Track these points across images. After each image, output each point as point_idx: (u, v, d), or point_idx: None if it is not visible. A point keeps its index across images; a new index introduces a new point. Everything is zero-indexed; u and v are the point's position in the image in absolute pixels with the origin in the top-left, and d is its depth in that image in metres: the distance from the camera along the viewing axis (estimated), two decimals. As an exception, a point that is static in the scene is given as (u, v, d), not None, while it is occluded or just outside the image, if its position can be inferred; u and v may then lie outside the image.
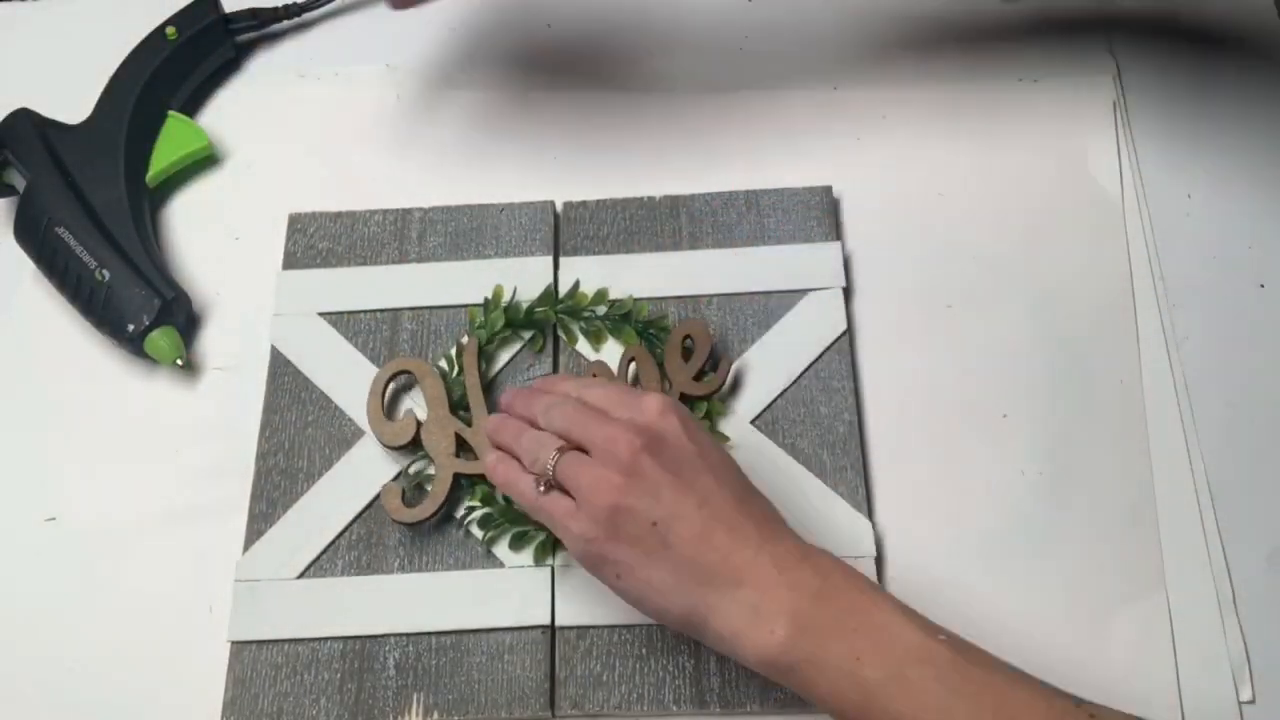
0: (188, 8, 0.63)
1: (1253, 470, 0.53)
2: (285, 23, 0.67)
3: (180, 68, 0.63)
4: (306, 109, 0.64)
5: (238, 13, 0.65)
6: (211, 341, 0.57)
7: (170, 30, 0.62)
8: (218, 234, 0.61)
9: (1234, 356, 0.56)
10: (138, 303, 0.55)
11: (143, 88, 0.61)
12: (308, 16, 0.67)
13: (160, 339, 0.55)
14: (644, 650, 0.48)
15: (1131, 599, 0.50)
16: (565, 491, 0.43)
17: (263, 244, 0.59)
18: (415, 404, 0.54)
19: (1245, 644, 0.49)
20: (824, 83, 0.64)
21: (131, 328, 0.55)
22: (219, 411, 0.55)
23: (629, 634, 0.49)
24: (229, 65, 0.66)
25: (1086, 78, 0.64)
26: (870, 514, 0.51)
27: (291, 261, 0.58)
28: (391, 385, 0.53)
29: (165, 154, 0.61)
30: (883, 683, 0.37)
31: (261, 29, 0.66)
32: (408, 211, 0.59)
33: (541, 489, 0.43)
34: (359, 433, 0.53)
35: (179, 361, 0.55)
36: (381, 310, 0.56)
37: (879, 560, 0.50)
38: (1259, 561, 0.51)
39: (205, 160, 0.62)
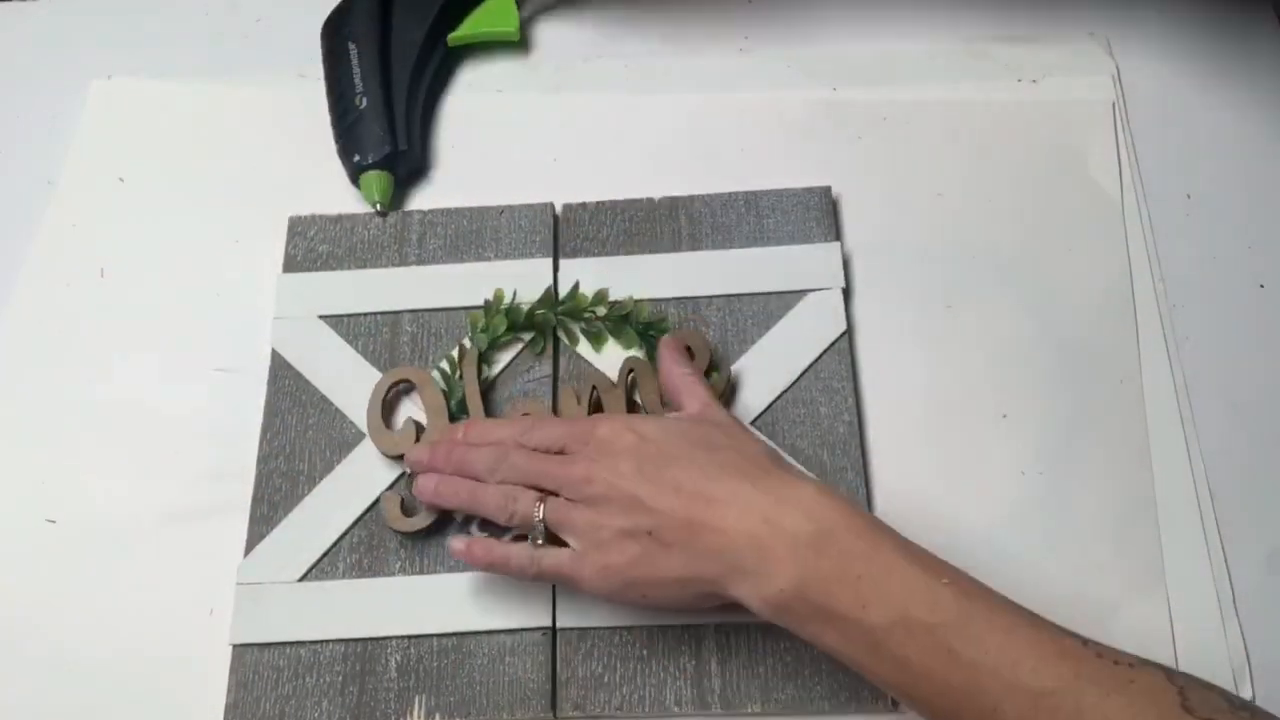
0: None
1: (1253, 470, 0.53)
2: None
3: None
4: (306, 110, 0.64)
5: None
6: (212, 344, 0.57)
7: None
8: (217, 237, 0.61)
9: (1234, 356, 0.56)
10: (374, 139, 0.59)
11: None
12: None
13: (374, 179, 0.59)
14: (645, 651, 0.48)
15: (1131, 599, 0.50)
16: (555, 540, 0.45)
17: (262, 247, 0.59)
18: (416, 409, 0.54)
19: (1245, 644, 0.49)
20: (824, 83, 0.64)
21: (357, 158, 0.59)
22: (220, 414, 0.55)
23: (630, 635, 0.49)
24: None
25: (1086, 78, 0.63)
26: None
27: (291, 264, 0.58)
28: (391, 393, 0.54)
29: (477, 22, 0.64)
30: (888, 629, 0.39)
31: None
32: (407, 214, 0.59)
33: (540, 542, 0.45)
34: (360, 435, 0.53)
35: (378, 205, 0.59)
36: (381, 313, 0.56)
37: (879, 561, 0.50)
38: (1259, 561, 0.51)
39: (507, 42, 0.65)
